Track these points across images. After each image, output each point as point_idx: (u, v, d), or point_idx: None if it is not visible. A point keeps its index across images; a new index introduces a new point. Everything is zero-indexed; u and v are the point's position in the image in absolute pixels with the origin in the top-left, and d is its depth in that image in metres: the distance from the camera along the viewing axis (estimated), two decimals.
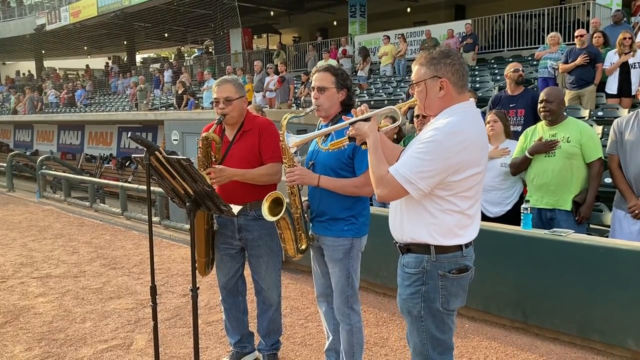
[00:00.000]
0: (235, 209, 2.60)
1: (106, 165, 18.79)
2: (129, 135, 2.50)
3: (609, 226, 4.51)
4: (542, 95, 4.27)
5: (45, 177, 11.09)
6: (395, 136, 5.28)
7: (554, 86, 7.49)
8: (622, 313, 3.42)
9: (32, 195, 11.36)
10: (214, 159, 3.15)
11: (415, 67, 2.29)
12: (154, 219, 8.05)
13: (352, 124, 2.33)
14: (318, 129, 3.08)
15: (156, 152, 2.41)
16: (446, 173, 2.09)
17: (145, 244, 7.03)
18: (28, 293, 5.08)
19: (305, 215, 2.98)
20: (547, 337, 3.81)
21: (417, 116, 4.58)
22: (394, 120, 4.47)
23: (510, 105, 5.65)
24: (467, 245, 2.24)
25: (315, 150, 2.99)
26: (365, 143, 2.31)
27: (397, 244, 2.34)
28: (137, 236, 7.51)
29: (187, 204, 2.60)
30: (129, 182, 12.98)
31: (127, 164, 17.74)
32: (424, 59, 2.24)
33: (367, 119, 2.31)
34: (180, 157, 2.39)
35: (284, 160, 2.85)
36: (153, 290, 2.70)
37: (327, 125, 2.93)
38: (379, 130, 2.32)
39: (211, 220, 3.27)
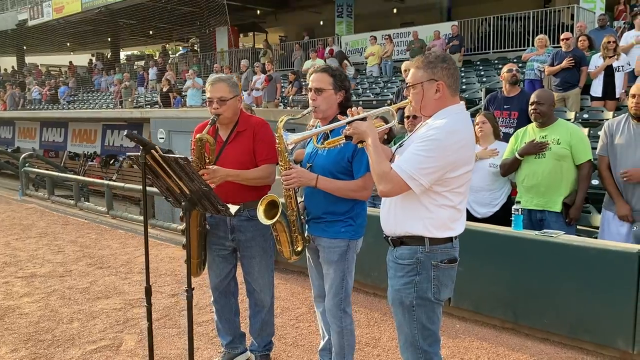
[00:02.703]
0: (233, 208, 2.57)
1: (90, 163, 18.55)
2: (125, 134, 2.46)
3: (597, 227, 4.56)
4: (533, 97, 4.30)
5: (28, 174, 10.92)
6: (385, 136, 5.28)
7: (546, 89, 7.54)
8: (612, 313, 3.46)
9: (14, 193, 11.19)
10: (207, 161, 3.10)
11: (411, 70, 2.41)
12: (139, 217, 7.98)
13: (349, 123, 2.36)
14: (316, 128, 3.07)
15: (152, 151, 2.37)
16: (445, 170, 2.23)
17: (132, 243, 6.96)
18: (13, 293, 4.99)
19: (302, 217, 2.96)
20: (537, 338, 3.84)
21: (408, 117, 4.59)
22: (385, 120, 4.48)
23: (505, 107, 5.68)
24: (456, 237, 2.39)
25: (314, 153, 2.97)
26: (361, 142, 2.38)
27: (390, 238, 2.44)
28: (124, 235, 7.42)
29: (183, 203, 2.57)
30: (113, 180, 12.82)
31: (111, 162, 17.55)
32: (421, 62, 2.37)
33: (363, 119, 2.37)
34: (177, 155, 2.36)
35: (280, 163, 2.82)
36: (148, 290, 2.65)
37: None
38: None
39: (204, 221, 3.23)
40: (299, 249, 2.93)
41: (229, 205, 2.58)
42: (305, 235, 2.96)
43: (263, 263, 3.33)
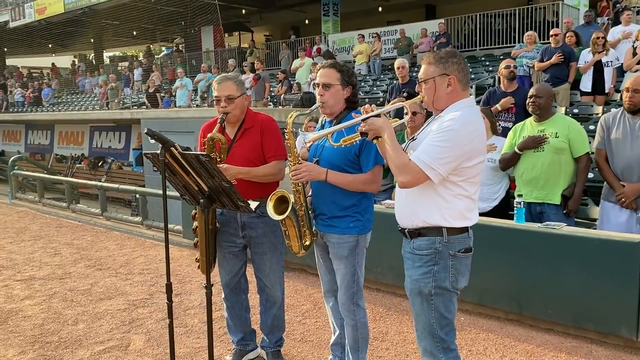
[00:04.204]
0: (253, 204, 2.59)
1: (78, 165, 18.36)
2: (145, 131, 2.47)
3: (594, 220, 4.65)
4: (532, 91, 4.38)
5: (18, 177, 10.80)
6: None
7: (545, 83, 7.66)
8: (615, 302, 3.54)
9: (2, 197, 11.05)
10: (218, 160, 3.12)
11: (423, 67, 2.49)
12: (136, 219, 7.95)
13: (364, 120, 2.41)
14: (321, 125, 3.10)
15: (172, 148, 2.38)
16: (462, 159, 2.30)
17: (129, 244, 6.94)
18: (13, 296, 4.95)
19: (310, 212, 2.99)
20: (541, 328, 3.91)
21: (407, 113, 4.64)
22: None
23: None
24: (471, 227, 2.46)
25: (320, 146, 2.98)
26: (376, 138, 2.43)
27: (406, 230, 2.48)
28: (120, 237, 7.39)
29: (202, 200, 2.58)
30: (102, 182, 12.73)
31: (99, 164, 17.39)
32: (432, 58, 2.45)
33: (377, 116, 2.42)
34: (198, 152, 2.37)
35: (289, 159, 2.85)
36: (168, 287, 2.67)
37: (331, 121, 2.95)
38: None
39: (214, 219, 3.25)
40: (307, 243, 2.96)
41: (249, 201, 2.59)
42: (313, 229, 2.99)
43: (274, 259, 3.35)
